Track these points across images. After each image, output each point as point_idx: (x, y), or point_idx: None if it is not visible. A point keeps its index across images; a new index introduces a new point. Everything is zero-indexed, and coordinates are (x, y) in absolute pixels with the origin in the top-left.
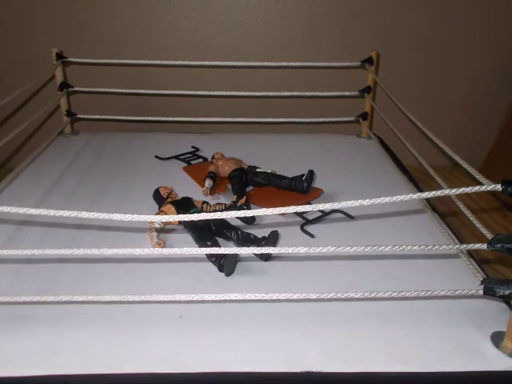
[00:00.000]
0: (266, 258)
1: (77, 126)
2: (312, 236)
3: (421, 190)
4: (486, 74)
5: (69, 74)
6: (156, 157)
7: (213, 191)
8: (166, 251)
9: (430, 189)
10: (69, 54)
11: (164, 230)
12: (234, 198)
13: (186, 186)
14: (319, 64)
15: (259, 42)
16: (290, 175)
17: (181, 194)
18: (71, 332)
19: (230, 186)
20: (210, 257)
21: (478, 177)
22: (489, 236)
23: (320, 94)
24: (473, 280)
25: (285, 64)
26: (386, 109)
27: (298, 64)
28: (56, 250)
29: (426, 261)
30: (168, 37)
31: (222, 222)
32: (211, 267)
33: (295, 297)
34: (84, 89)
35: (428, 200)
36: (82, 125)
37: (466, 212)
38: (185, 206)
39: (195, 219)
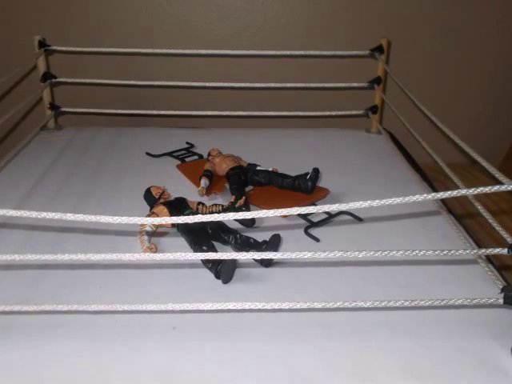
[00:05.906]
0: (267, 263)
1: (61, 120)
2: (317, 240)
3: (435, 190)
4: (507, 65)
5: (52, 64)
6: (147, 154)
7: (209, 191)
8: (157, 256)
9: (446, 188)
10: (52, 41)
11: (156, 233)
12: (233, 198)
13: (180, 186)
14: (325, 53)
15: (259, 28)
16: (293, 174)
17: (174, 194)
18: (55, 344)
19: (227, 185)
20: (206, 262)
21: (498, 175)
22: (509, 240)
23: (326, 85)
24: (492, 288)
25: (287, 53)
26: (397, 101)
27: (302, 53)
28: (38, 255)
29: (441, 267)
30: (160, 23)
31: (219, 225)
32: (207, 274)
33: (298, 306)
34: (69, 80)
35: (443, 201)
36: (67, 119)
37: (485, 214)
38: (178, 207)
39: (190, 222)
